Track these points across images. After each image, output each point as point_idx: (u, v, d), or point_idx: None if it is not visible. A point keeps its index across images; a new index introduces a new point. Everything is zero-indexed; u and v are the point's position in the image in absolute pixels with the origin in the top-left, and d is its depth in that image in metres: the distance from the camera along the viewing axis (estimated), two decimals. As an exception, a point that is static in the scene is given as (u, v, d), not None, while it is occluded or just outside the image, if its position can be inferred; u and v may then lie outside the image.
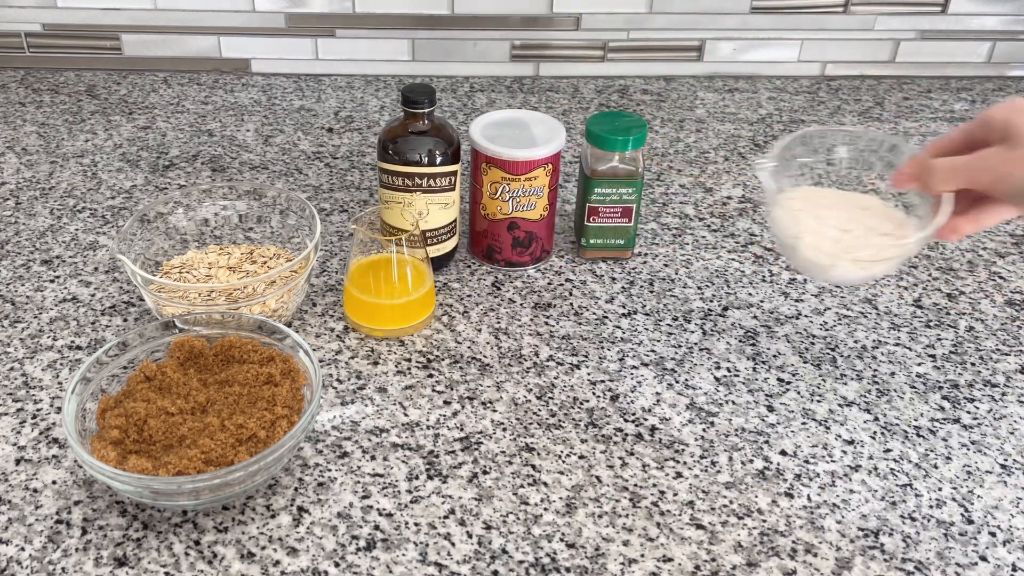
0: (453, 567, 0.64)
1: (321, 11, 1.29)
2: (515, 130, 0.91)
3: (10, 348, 0.82)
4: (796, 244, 0.68)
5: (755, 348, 0.85)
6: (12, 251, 0.95)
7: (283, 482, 0.70)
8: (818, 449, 0.75)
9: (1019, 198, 0.61)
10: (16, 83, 1.31)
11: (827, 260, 0.68)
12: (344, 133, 1.20)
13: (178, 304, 0.79)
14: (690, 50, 1.36)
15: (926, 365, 0.84)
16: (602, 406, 0.78)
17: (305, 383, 0.72)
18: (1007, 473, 0.73)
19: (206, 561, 0.64)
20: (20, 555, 0.64)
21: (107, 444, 0.65)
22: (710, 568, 0.65)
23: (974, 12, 1.34)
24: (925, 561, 0.66)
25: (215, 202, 0.92)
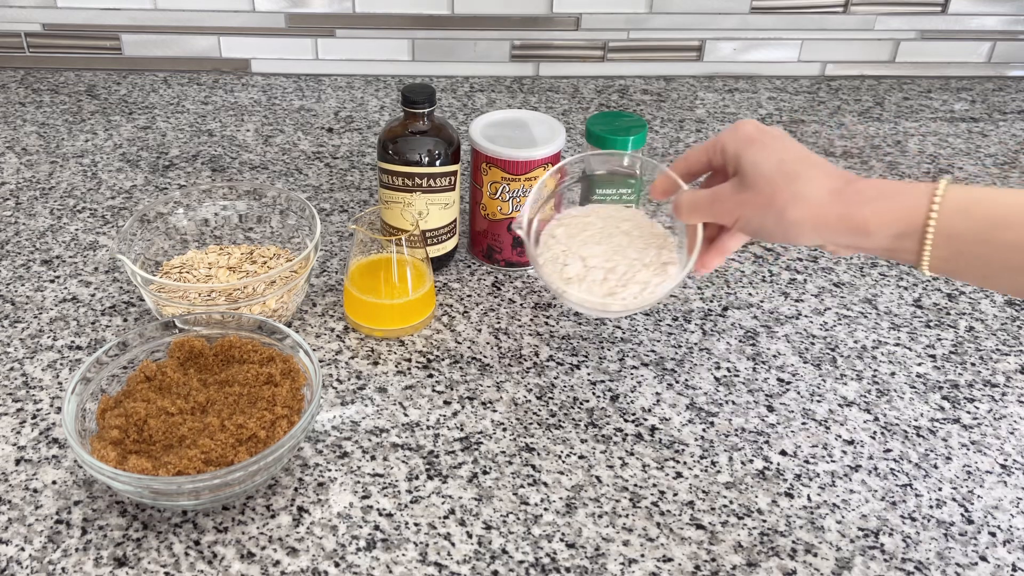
0: (453, 567, 0.64)
1: (321, 11, 1.29)
2: (515, 130, 0.91)
3: (10, 348, 0.82)
4: (566, 293, 0.70)
5: (755, 348, 0.85)
6: (12, 251, 0.95)
7: (283, 482, 0.70)
8: (818, 449, 0.75)
9: (760, 235, 0.64)
10: (16, 83, 1.31)
11: (600, 304, 0.69)
12: (344, 133, 1.20)
13: (178, 304, 0.79)
14: (690, 50, 1.36)
15: (926, 365, 0.84)
16: (602, 406, 0.78)
17: (305, 383, 0.72)
18: (1007, 473, 0.73)
19: (206, 561, 0.64)
20: (20, 555, 0.64)
21: (107, 444, 0.65)
22: (710, 568, 0.65)
23: (974, 12, 1.35)
24: (925, 561, 0.66)
25: (215, 202, 0.92)
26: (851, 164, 1.17)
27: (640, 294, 0.69)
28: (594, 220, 0.75)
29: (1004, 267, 0.55)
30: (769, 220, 0.61)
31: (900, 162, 1.18)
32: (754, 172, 0.62)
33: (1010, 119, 1.30)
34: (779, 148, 0.62)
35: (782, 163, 0.61)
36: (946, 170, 1.16)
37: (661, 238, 0.74)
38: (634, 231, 0.74)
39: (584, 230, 0.75)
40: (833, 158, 1.18)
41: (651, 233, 0.74)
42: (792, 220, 0.60)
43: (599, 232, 0.74)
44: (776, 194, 0.60)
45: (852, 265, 0.97)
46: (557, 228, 0.75)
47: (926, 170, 1.16)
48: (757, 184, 0.61)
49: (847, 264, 0.98)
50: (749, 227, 0.63)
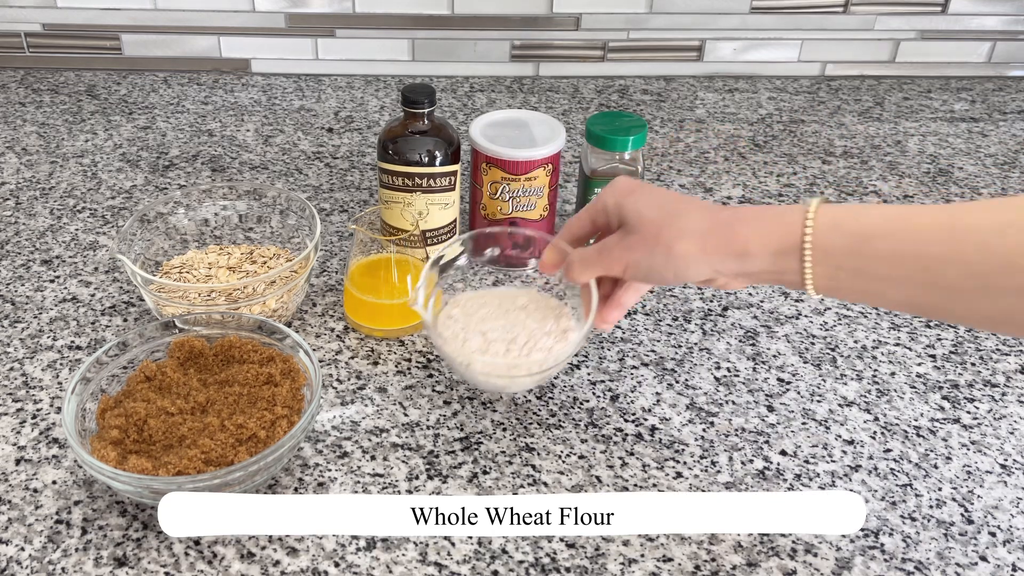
0: (453, 567, 0.64)
1: (321, 11, 1.29)
2: (515, 130, 0.91)
3: (10, 348, 0.82)
4: (469, 369, 0.70)
5: (755, 348, 0.85)
6: (12, 251, 0.95)
7: (283, 482, 0.70)
8: (818, 449, 0.75)
9: (651, 278, 0.65)
10: (16, 83, 1.31)
11: (506, 379, 0.70)
12: (344, 133, 1.20)
13: (178, 304, 0.79)
14: (690, 50, 1.36)
15: (926, 365, 0.84)
16: (602, 406, 0.78)
17: (305, 383, 0.72)
18: (1007, 473, 0.73)
19: (206, 561, 0.64)
20: (20, 555, 0.64)
21: (107, 444, 0.65)
22: (710, 568, 0.65)
23: (974, 12, 1.35)
24: (925, 561, 0.66)
25: (215, 202, 0.92)
26: (851, 164, 1.17)
27: (545, 361, 0.70)
28: (490, 300, 0.77)
29: (879, 278, 0.56)
30: (658, 259, 0.62)
31: (900, 162, 1.18)
32: (637, 217, 0.64)
33: (1010, 119, 1.30)
34: (657, 193, 0.65)
35: (662, 205, 0.63)
36: (946, 170, 1.16)
37: (558, 309, 0.76)
38: (531, 305, 0.76)
39: (481, 308, 0.76)
40: (833, 158, 1.18)
41: (547, 306, 0.76)
42: (680, 253, 0.61)
43: (496, 309, 0.76)
44: (661, 232, 0.62)
45: (852, 265, 0.97)
46: (453, 309, 0.76)
47: (926, 170, 1.16)
48: (642, 227, 0.63)
49: (847, 264, 0.98)
50: (640, 271, 0.64)
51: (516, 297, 0.77)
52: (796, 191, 1.10)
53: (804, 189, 1.11)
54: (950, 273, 0.53)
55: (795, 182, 1.12)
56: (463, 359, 0.70)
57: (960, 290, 0.53)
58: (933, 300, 0.55)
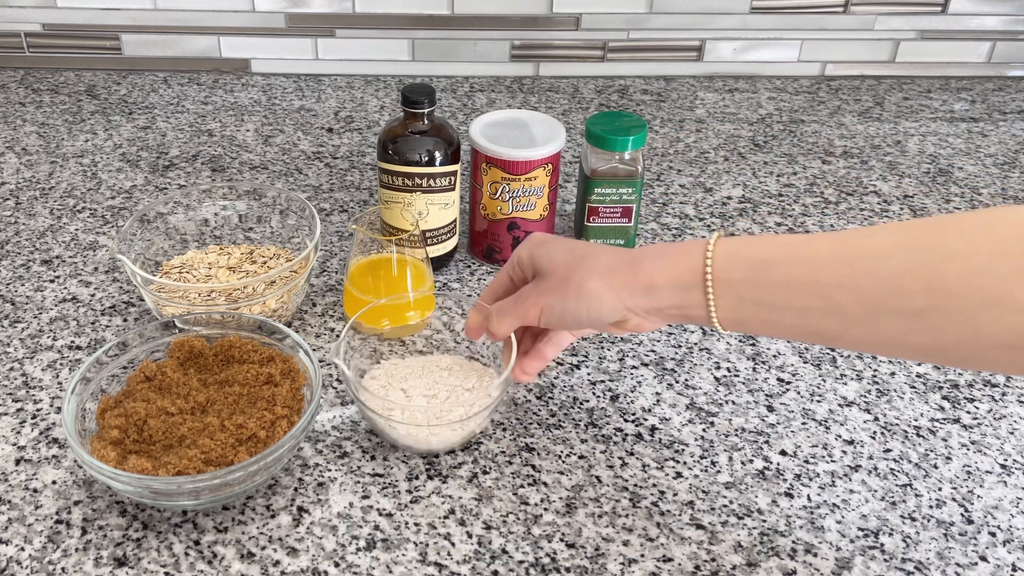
0: (453, 567, 0.64)
1: (321, 11, 1.29)
2: (515, 130, 0.91)
3: (10, 348, 0.82)
4: (389, 423, 0.70)
5: (755, 348, 0.85)
6: (12, 251, 0.95)
7: (283, 482, 0.70)
8: (818, 449, 0.75)
9: (565, 320, 0.66)
10: (16, 83, 1.31)
11: (425, 431, 0.70)
12: (344, 133, 1.20)
13: (178, 304, 0.79)
14: (690, 50, 1.36)
15: (926, 365, 0.84)
16: (602, 406, 0.78)
17: (305, 383, 0.72)
18: (1007, 473, 0.73)
19: (206, 561, 0.64)
20: (20, 555, 0.64)
21: (107, 444, 0.65)
22: (710, 568, 0.65)
23: (974, 12, 1.35)
24: (925, 561, 0.66)
25: (215, 202, 0.92)
26: (851, 164, 1.17)
27: (466, 413, 0.70)
28: (413, 363, 0.78)
29: (779, 308, 0.57)
30: (570, 299, 0.64)
31: (900, 162, 1.18)
32: (549, 263, 0.66)
33: (1010, 119, 1.30)
34: (567, 242, 0.67)
35: (573, 250, 0.66)
36: (946, 170, 1.16)
37: (481, 369, 0.77)
38: (454, 366, 0.77)
39: (404, 370, 0.77)
40: (833, 158, 1.18)
41: (470, 368, 0.77)
42: (590, 290, 0.63)
43: (420, 370, 0.77)
44: (572, 273, 0.64)
45: (852, 265, 0.97)
46: (377, 371, 0.77)
47: (926, 170, 1.16)
48: (554, 271, 0.65)
49: (847, 264, 0.97)
50: (554, 314, 0.65)
51: (440, 361, 0.78)
52: (796, 191, 1.10)
53: (804, 189, 1.11)
54: (843, 298, 0.54)
55: (795, 182, 1.12)
56: (383, 412, 0.70)
57: (853, 315, 0.54)
58: (830, 326, 0.56)
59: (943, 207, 1.08)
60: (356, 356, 0.76)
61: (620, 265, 0.63)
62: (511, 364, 0.71)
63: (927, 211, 1.07)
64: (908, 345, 0.54)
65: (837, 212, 1.07)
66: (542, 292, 0.66)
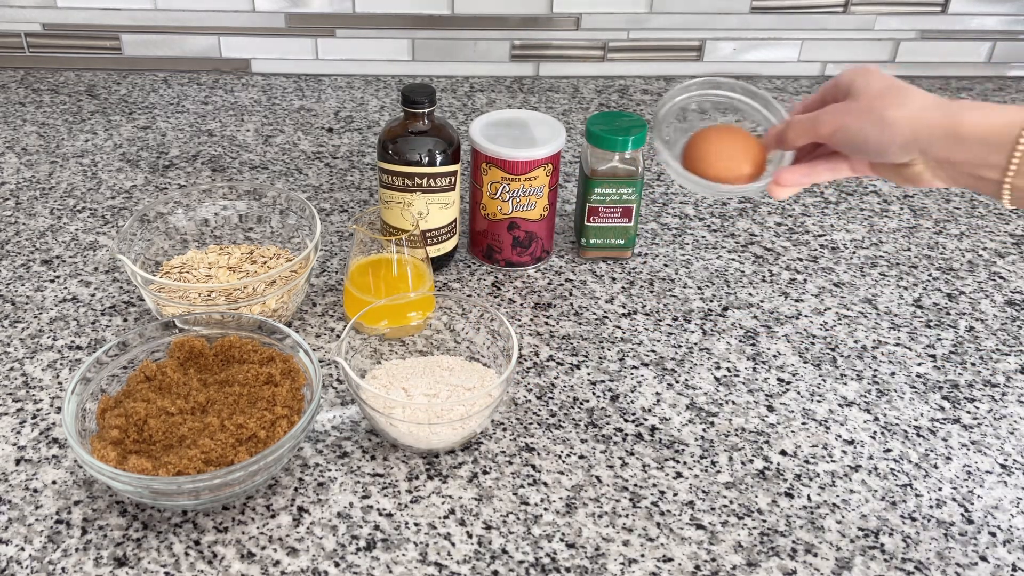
0: (453, 567, 0.64)
1: (321, 11, 1.29)
2: (515, 130, 0.91)
3: (10, 348, 0.82)
4: (390, 421, 0.70)
5: (755, 348, 0.85)
6: (12, 251, 0.95)
7: (283, 482, 0.70)
8: (818, 449, 0.75)
9: (855, 148, 0.65)
10: (16, 83, 1.31)
11: (427, 428, 0.70)
12: (344, 133, 1.20)
13: (178, 304, 0.79)
14: (690, 50, 1.36)
15: (926, 365, 0.84)
16: (602, 406, 0.78)
17: (305, 383, 0.72)
18: (1007, 473, 0.73)
19: (206, 561, 0.64)
20: (20, 555, 0.64)
21: (107, 444, 0.65)
22: (710, 568, 0.65)
23: (974, 12, 1.34)
24: (925, 561, 0.66)
25: (215, 202, 0.92)
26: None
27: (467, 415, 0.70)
28: (413, 363, 0.78)
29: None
30: (867, 123, 0.62)
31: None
32: (865, 88, 0.64)
33: (1010, 119, 1.29)
34: (891, 78, 0.65)
35: (893, 83, 0.64)
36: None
37: (481, 370, 0.77)
38: (455, 367, 0.77)
39: (406, 371, 0.77)
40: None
41: (471, 368, 0.77)
42: (892, 119, 0.61)
43: (421, 369, 0.77)
44: (882, 99, 0.62)
45: (852, 265, 0.98)
46: (378, 370, 0.77)
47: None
48: (865, 95, 0.64)
49: (847, 264, 0.98)
50: (847, 134, 0.64)
51: (441, 361, 0.78)
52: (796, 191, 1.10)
53: (804, 189, 1.11)
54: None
55: (795, 182, 1.12)
56: (385, 411, 0.70)
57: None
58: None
59: (943, 207, 1.08)
60: (357, 356, 0.76)
61: (933, 105, 0.61)
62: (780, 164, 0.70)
63: (927, 210, 1.07)
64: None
65: (837, 212, 1.07)
66: (845, 111, 0.64)
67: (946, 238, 1.03)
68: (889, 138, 0.62)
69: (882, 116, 0.62)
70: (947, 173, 0.62)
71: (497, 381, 0.72)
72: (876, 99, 0.63)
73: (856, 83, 0.65)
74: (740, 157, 0.72)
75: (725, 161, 0.72)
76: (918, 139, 0.61)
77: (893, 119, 0.61)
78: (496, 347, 0.77)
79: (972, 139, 0.59)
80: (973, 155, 0.59)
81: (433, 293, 0.83)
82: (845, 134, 0.64)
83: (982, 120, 0.59)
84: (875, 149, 0.63)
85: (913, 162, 0.62)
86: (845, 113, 0.64)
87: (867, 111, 0.63)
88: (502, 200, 0.90)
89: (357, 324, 0.80)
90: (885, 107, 0.62)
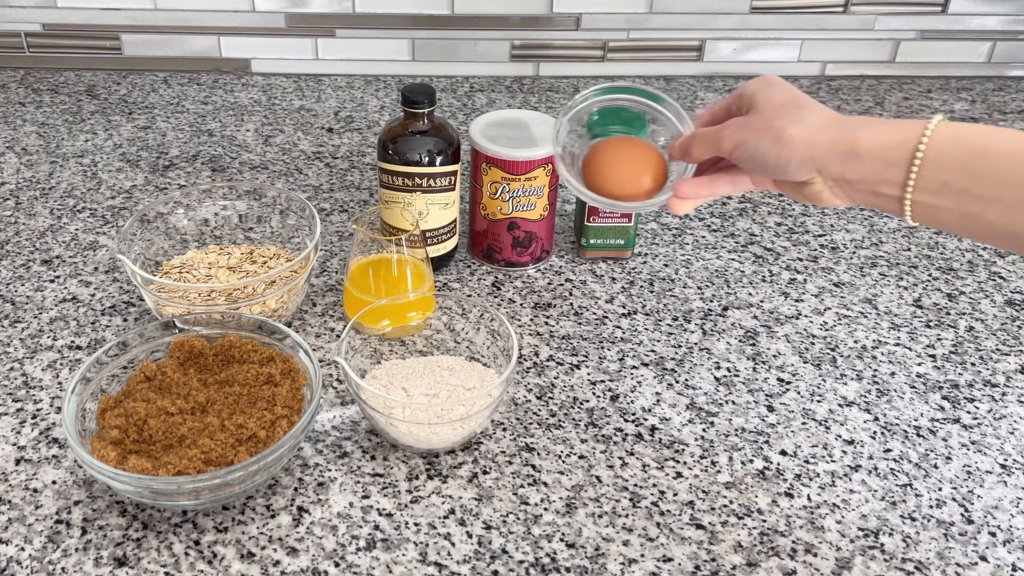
0: (453, 567, 0.64)
1: (321, 11, 1.29)
2: (515, 130, 0.91)
3: (10, 348, 0.82)
4: (390, 421, 0.70)
5: (755, 348, 0.85)
6: (12, 251, 0.95)
7: (283, 482, 0.70)
8: (818, 449, 0.75)
9: (755, 165, 0.64)
10: (16, 83, 1.31)
11: (427, 428, 0.70)
12: (344, 133, 1.20)
13: (178, 304, 0.79)
14: (690, 50, 1.36)
15: (926, 365, 0.84)
16: (602, 406, 0.78)
17: (305, 383, 0.72)
18: (1007, 473, 0.73)
19: (206, 561, 0.64)
20: (20, 555, 0.64)
21: (107, 444, 0.65)
22: (710, 568, 0.65)
23: (974, 12, 1.35)
24: (925, 561, 0.66)
25: (215, 202, 0.92)
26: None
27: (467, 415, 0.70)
28: (413, 363, 0.78)
29: (985, 199, 0.55)
30: (767, 140, 0.62)
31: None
32: (766, 103, 0.63)
33: (1010, 119, 1.30)
34: (795, 90, 0.64)
35: (795, 98, 0.63)
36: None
37: (481, 370, 0.77)
38: (455, 367, 0.77)
39: (406, 370, 0.77)
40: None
41: (471, 368, 0.77)
42: (789, 138, 0.61)
43: (421, 369, 0.77)
44: (780, 117, 0.62)
45: (852, 265, 0.98)
46: (378, 370, 0.77)
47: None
48: (765, 111, 0.63)
49: (847, 264, 0.98)
50: (746, 150, 0.63)
51: (441, 361, 0.78)
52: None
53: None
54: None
55: (795, 182, 1.12)
56: (385, 411, 0.70)
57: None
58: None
59: (943, 207, 1.08)
60: (357, 356, 0.76)
61: (830, 123, 0.60)
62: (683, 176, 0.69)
63: (927, 211, 1.07)
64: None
65: (837, 212, 1.07)
66: (744, 127, 0.64)
67: (946, 238, 1.03)
68: (786, 157, 0.61)
69: (779, 134, 0.61)
70: (845, 191, 0.61)
71: (497, 381, 0.72)
72: (775, 116, 0.62)
73: (758, 97, 0.64)
74: (639, 171, 0.72)
75: (624, 176, 0.72)
76: (815, 158, 0.60)
77: (790, 137, 0.61)
78: (496, 347, 0.77)
79: (869, 157, 0.58)
80: (871, 173, 0.59)
81: (433, 293, 0.83)
82: (744, 151, 0.64)
83: (878, 137, 0.58)
84: (773, 167, 0.62)
85: (812, 180, 0.62)
86: (744, 129, 0.64)
87: (765, 129, 0.62)
88: (502, 200, 0.90)
89: (357, 324, 0.80)
90: (783, 125, 0.61)
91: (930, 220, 0.58)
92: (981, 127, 0.57)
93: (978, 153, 0.55)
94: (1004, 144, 0.55)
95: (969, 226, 0.57)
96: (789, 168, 0.61)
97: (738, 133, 0.64)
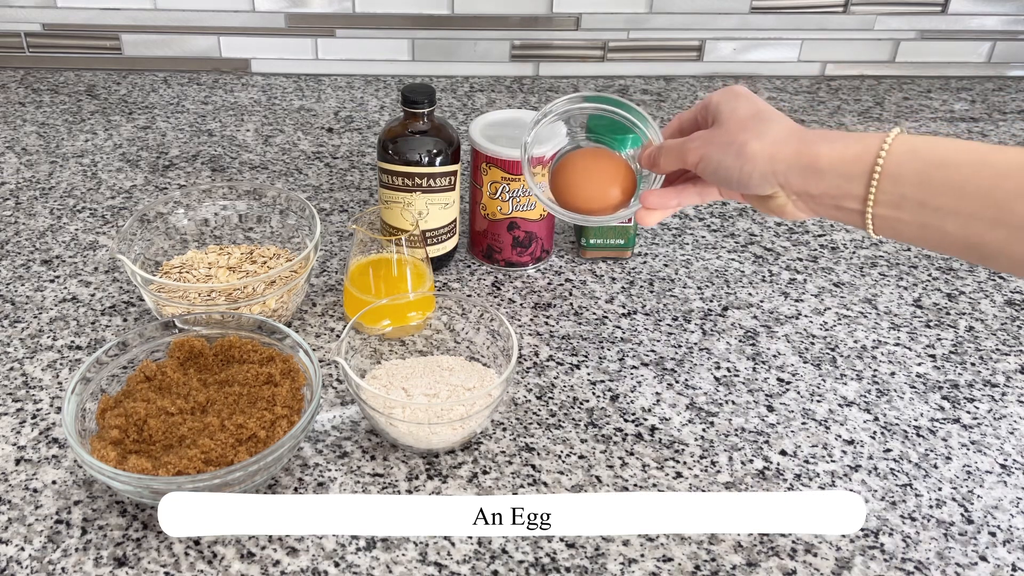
0: (453, 567, 0.64)
1: (321, 11, 1.29)
2: (515, 130, 0.91)
3: (10, 348, 0.82)
4: (390, 421, 0.70)
5: (755, 348, 0.85)
6: (12, 251, 0.95)
7: (283, 482, 0.70)
8: (818, 449, 0.75)
9: (719, 178, 0.64)
10: (16, 83, 1.31)
11: (427, 428, 0.70)
12: (344, 133, 1.20)
13: (178, 304, 0.79)
14: (690, 50, 1.36)
15: (926, 365, 0.84)
16: (602, 406, 0.78)
17: (305, 383, 0.72)
18: (1007, 473, 0.73)
19: (206, 561, 0.64)
20: (20, 555, 0.64)
21: (107, 444, 0.65)
22: (710, 568, 0.65)
23: (974, 12, 1.35)
24: (925, 561, 0.66)
25: (215, 202, 0.92)
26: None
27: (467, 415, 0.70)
28: (413, 363, 0.78)
29: (944, 212, 0.55)
30: (729, 155, 0.62)
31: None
32: (730, 116, 0.64)
33: (1010, 119, 1.30)
34: (759, 102, 0.65)
35: (759, 111, 0.63)
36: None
37: (481, 370, 0.77)
38: (455, 367, 0.77)
39: (406, 370, 0.77)
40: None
41: (471, 368, 0.77)
42: (751, 153, 0.61)
43: (421, 369, 0.77)
44: (743, 131, 0.62)
45: (852, 265, 0.98)
46: (378, 370, 0.77)
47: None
48: (729, 124, 0.63)
49: (847, 264, 0.98)
50: (710, 164, 0.64)
51: (441, 361, 0.78)
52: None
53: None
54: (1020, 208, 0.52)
55: (795, 182, 1.12)
56: (385, 411, 0.70)
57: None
58: (996, 239, 0.54)
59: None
60: (357, 356, 0.76)
61: (792, 137, 0.60)
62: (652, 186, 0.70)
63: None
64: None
65: (837, 212, 1.07)
66: (708, 140, 0.64)
67: (946, 238, 1.03)
68: (748, 171, 0.61)
69: (741, 149, 0.61)
70: (808, 205, 0.61)
71: (497, 381, 0.72)
72: (738, 130, 0.62)
73: (722, 109, 0.65)
74: (607, 183, 0.72)
75: (591, 189, 0.72)
76: (776, 172, 0.60)
77: (752, 153, 0.61)
78: (496, 347, 0.77)
79: (829, 171, 0.58)
80: (832, 187, 0.59)
81: (433, 293, 0.83)
82: (708, 165, 0.64)
83: (838, 152, 0.58)
84: (736, 181, 0.63)
85: (776, 194, 0.62)
86: (708, 143, 0.64)
87: (728, 143, 0.62)
88: (502, 200, 0.90)
89: (357, 324, 0.80)
90: (746, 139, 0.61)
91: (892, 233, 0.58)
92: (939, 139, 0.57)
93: (935, 165, 0.55)
94: (961, 155, 0.55)
95: (929, 238, 0.57)
96: (751, 182, 0.62)
97: (702, 147, 0.64)
